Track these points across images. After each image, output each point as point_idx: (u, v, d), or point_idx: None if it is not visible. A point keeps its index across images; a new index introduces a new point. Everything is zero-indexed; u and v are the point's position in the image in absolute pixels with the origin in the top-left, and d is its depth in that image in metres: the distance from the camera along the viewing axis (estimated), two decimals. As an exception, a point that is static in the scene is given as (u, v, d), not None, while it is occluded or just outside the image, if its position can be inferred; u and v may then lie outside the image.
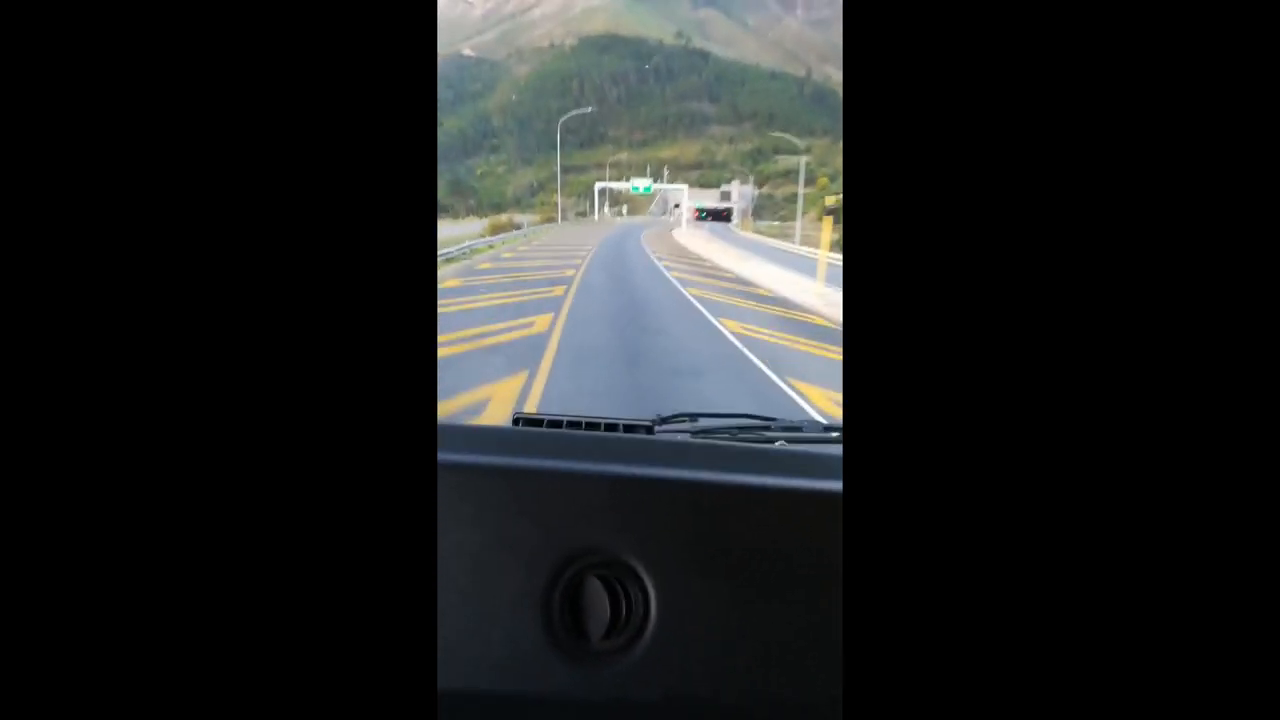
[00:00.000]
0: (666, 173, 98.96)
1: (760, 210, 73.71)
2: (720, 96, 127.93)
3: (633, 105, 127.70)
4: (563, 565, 0.59)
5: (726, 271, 13.14)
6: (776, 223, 61.57)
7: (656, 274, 12.11)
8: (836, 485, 0.63)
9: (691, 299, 8.85)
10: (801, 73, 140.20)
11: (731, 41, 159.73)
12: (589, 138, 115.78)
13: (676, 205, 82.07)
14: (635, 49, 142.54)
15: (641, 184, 38.13)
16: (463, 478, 0.61)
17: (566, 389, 4.21)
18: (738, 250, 18.52)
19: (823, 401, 4.22)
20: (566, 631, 0.58)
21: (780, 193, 76.81)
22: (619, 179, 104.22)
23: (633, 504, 0.60)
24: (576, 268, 12.27)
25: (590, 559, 0.59)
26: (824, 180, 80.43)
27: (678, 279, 10.86)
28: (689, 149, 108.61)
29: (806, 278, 11.08)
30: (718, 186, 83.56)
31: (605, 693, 0.58)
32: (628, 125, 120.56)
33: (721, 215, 73.76)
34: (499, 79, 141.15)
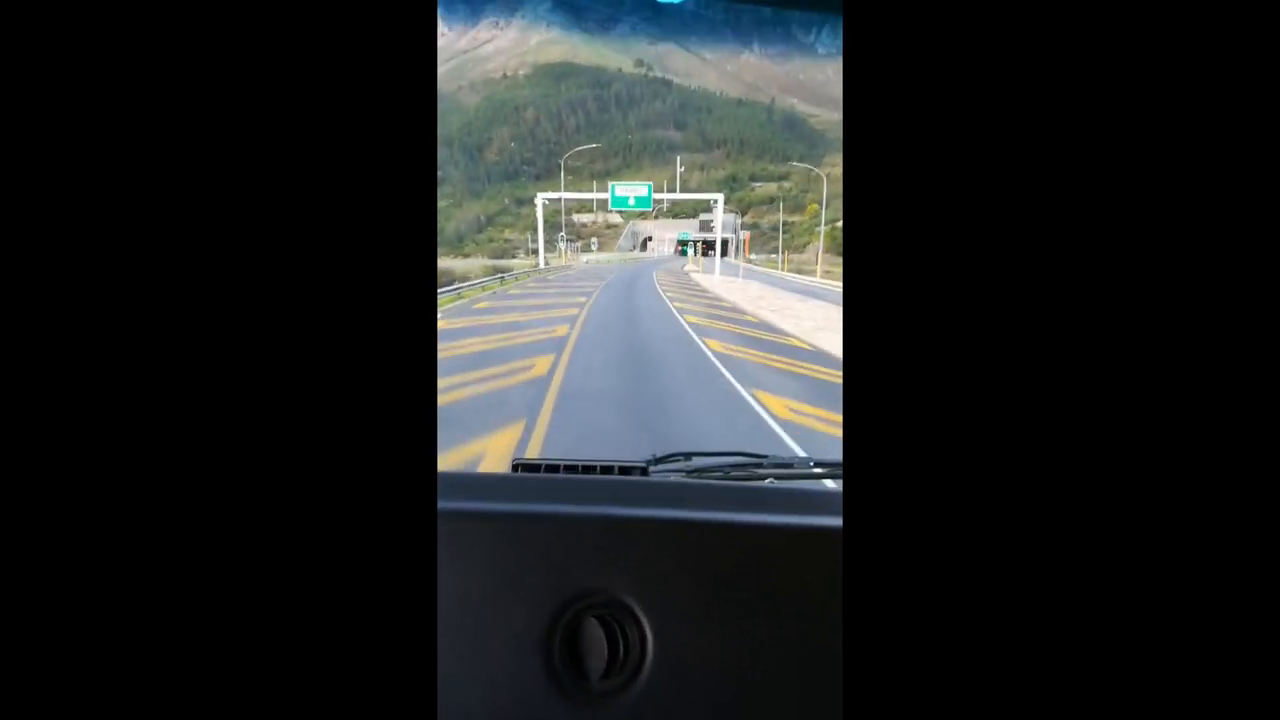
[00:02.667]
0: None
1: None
2: (686, 124, 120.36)
3: (593, 134, 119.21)
4: (562, 607, 0.59)
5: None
6: (772, 255, 52.78)
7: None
8: (828, 520, 0.63)
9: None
10: (766, 100, 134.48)
11: (691, 74, 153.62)
12: (546, 168, 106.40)
13: (648, 239, 71.17)
14: (593, 77, 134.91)
15: (632, 193, 27.14)
16: (463, 524, 0.60)
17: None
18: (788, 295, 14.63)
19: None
20: (567, 672, 0.58)
21: (766, 221, 67.74)
22: (584, 210, 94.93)
23: (630, 545, 0.60)
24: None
25: (589, 600, 0.59)
26: (813, 207, 71.80)
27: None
28: (657, 177, 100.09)
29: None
30: (691, 216, 74.05)
31: None
32: (588, 154, 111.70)
33: (711, 247, 64.32)
34: (446, 112, 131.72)
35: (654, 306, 13.13)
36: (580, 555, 0.60)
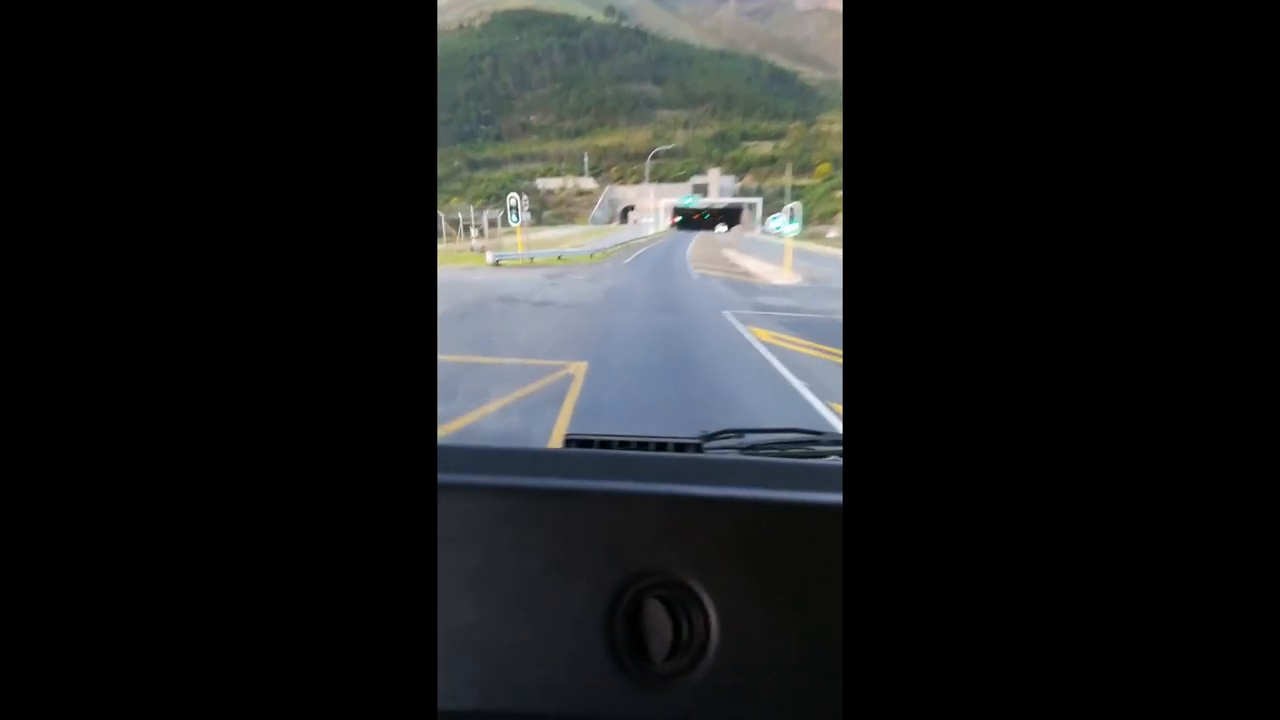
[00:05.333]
0: (606, 165, 78.82)
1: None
2: (666, 77, 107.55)
3: (561, 87, 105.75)
4: (623, 588, 0.59)
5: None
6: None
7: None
8: None
9: None
10: (750, 54, 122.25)
11: (665, 29, 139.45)
12: (507, 127, 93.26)
13: (629, 209, 57.71)
14: (559, 25, 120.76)
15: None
16: (518, 500, 0.61)
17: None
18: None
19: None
20: (629, 654, 0.59)
21: (768, 185, 56.49)
22: (550, 173, 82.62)
23: (688, 524, 0.60)
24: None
25: (649, 580, 0.59)
26: (825, 167, 60.41)
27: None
28: (635, 136, 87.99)
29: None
30: (680, 180, 62.28)
31: (670, 715, 0.58)
32: (556, 111, 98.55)
33: (718, 218, 52.85)
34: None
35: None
36: (639, 534, 0.60)
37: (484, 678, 0.59)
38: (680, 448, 0.85)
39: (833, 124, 79.68)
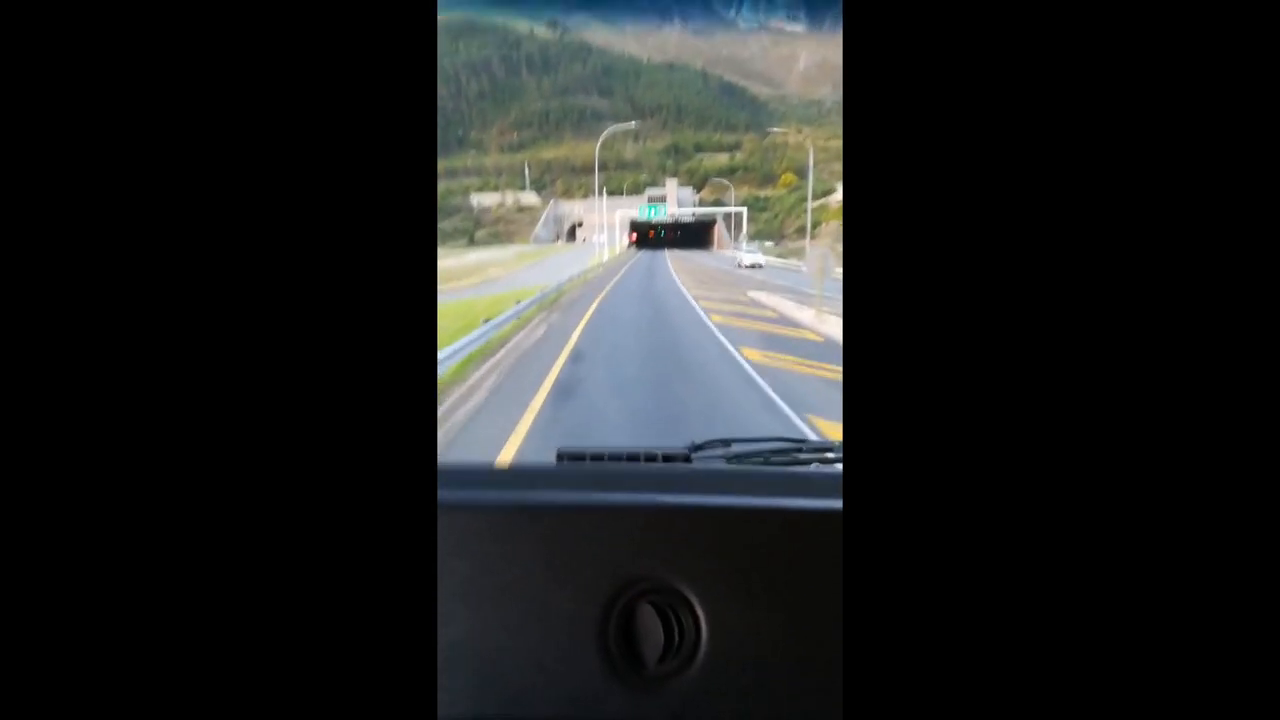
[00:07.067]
0: (551, 179, 73.45)
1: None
2: (613, 90, 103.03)
3: (501, 100, 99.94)
4: (616, 594, 0.60)
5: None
6: (768, 243, 36.81)
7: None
8: None
9: None
10: (699, 66, 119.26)
11: (610, 44, 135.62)
12: (443, 141, 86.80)
13: (577, 225, 51.18)
14: (500, 37, 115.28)
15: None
16: (511, 517, 0.62)
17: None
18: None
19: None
20: (622, 657, 0.60)
21: (728, 197, 51.71)
22: (486, 188, 76.32)
23: (678, 532, 0.62)
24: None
25: (641, 586, 0.60)
26: (789, 177, 56.04)
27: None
28: (582, 149, 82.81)
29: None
30: (639, 193, 56.94)
31: (661, 716, 0.59)
32: (497, 124, 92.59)
33: (684, 235, 47.24)
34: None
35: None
36: (630, 543, 0.62)
37: (479, 685, 0.60)
38: (669, 459, 0.87)
39: (787, 135, 76.37)
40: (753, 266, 24.56)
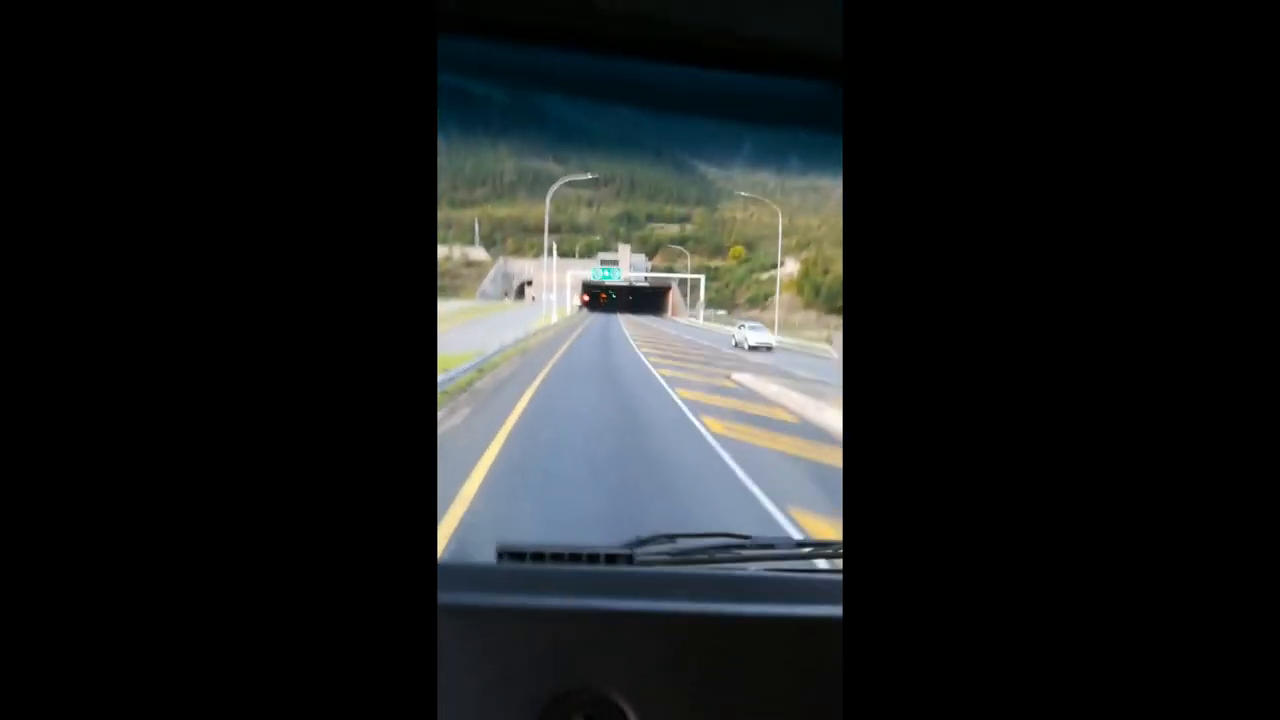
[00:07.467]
0: (501, 237, 72.14)
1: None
2: (569, 157, 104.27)
3: (453, 157, 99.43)
4: (551, 706, 0.60)
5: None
6: (723, 311, 36.38)
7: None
8: (820, 610, 0.64)
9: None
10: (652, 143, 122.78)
11: (565, 115, 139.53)
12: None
13: (526, 284, 49.86)
14: (453, 98, 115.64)
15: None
16: (450, 620, 0.60)
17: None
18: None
19: None
20: None
21: (679, 265, 51.72)
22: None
23: (618, 640, 0.62)
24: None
25: (578, 699, 0.60)
26: (739, 250, 56.86)
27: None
28: (535, 210, 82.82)
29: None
30: (591, 256, 56.28)
31: None
32: (450, 179, 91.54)
33: (638, 300, 46.10)
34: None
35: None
36: (568, 652, 0.61)
37: None
38: (611, 559, 0.87)
39: (735, 213, 78.78)
40: (759, 348, 18.64)
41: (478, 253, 67.41)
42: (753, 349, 18.74)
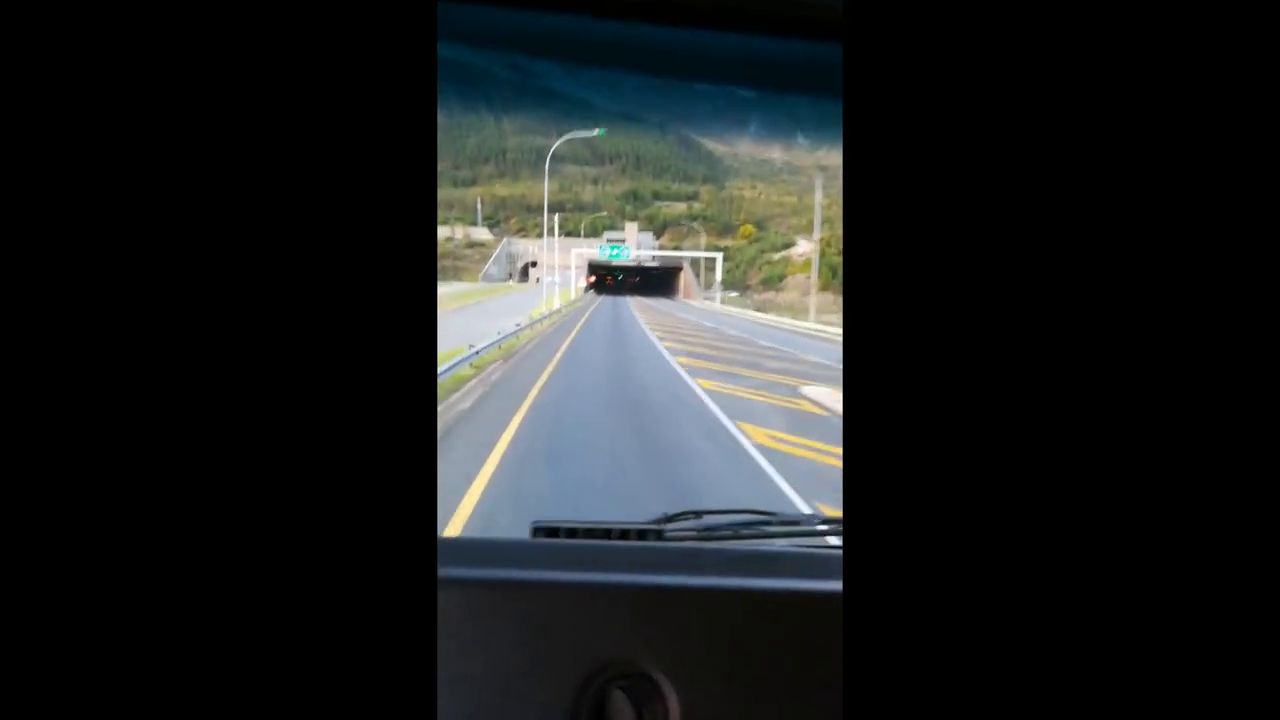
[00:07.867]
0: (505, 216, 71.89)
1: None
2: (572, 133, 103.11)
3: (456, 135, 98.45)
4: (587, 679, 0.61)
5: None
6: (732, 293, 36.09)
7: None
8: (837, 585, 0.64)
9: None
10: (656, 119, 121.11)
11: (570, 91, 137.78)
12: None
13: (530, 265, 49.64)
14: (456, 72, 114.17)
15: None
16: (484, 593, 0.63)
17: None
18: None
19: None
20: None
21: (687, 244, 51.40)
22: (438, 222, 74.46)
23: (650, 614, 0.63)
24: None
25: (613, 671, 0.62)
26: (749, 229, 56.34)
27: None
28: (539, 188, 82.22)
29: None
30: (597, 235, 55.93)
31: None
32: (451, 158, 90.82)
33: (646, 281, 45.86)
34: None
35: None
36: (602, 625, 0.62)
37: None
38: (642, 535, 0.92)
39: (743, 189, 77.92)
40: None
41: (481, 233, 67.02)
42: None
